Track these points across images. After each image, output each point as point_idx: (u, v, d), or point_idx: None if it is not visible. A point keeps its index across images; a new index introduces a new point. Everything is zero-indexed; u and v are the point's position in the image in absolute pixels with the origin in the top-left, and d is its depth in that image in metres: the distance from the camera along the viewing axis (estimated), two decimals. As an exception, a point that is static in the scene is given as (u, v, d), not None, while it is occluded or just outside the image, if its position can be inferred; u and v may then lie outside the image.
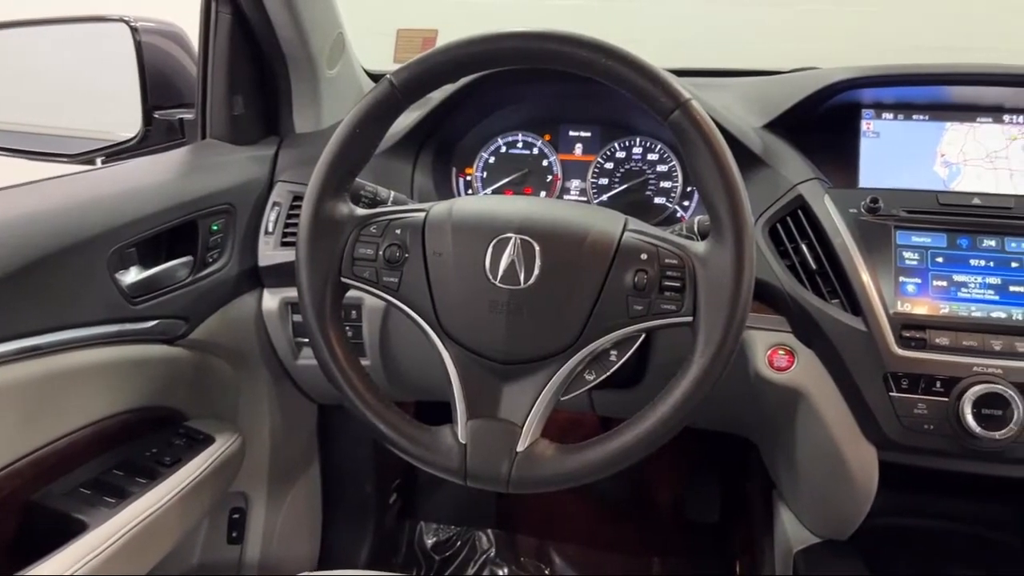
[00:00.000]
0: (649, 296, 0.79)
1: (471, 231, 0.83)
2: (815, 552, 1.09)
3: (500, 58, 0.82)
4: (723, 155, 0.77)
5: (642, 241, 0.81)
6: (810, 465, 1.07)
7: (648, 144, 1.22)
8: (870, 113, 1.13)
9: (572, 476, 0.80)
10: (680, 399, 0.77)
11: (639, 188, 1.22)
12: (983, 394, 0.89)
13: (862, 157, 1.12)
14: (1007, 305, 0.95)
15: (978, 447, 0.90)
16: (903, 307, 0.96)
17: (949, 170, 1.10)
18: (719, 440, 1.51)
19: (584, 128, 1.25)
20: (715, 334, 0.76)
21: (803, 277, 1.00)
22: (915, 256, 0.99)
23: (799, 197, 1.03)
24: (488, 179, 1.26)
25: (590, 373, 0.83)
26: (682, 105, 0.77)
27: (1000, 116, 1.10)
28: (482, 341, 0.82)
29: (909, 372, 0.93)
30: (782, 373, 1.01)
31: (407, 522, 1.81)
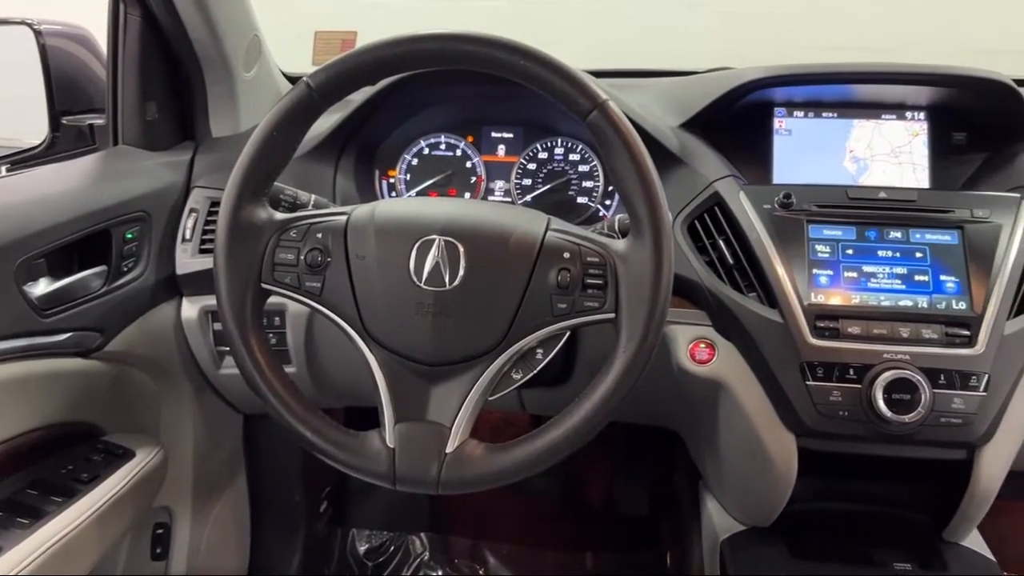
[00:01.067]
0: (573, 294, 0.80)
1: (394, 233, 0.83)
2: (740, 539, 1.12)
3: (418, 60, 0.82)
4: (640, 155, 0.78)
5: (565, 240, 0.82)
6: (733, 455, 1.10)
7: (570, 145, 1.24)
8: (782, 111, 1.17)
9: (502, 475, 0.80)
10: (605, 394, 0.78)
11: (562, 188, 1.23)
12: (893, 380, 0.93)
13: (775, 154, 1.16)
14: (913, 294, 0.99)
15: (889, 431, 0.94)
16: (816, 298, 0.99)
17: (857, 165, 1.15)
18: (647, 434, 1.54)
19: (507, 129, 1.26)
20: (637, 329, 0.78)
21: (721, 272, 1.03)
22: (827, 249, 1.02)
23: (716, 194, 1.06)
24: (412, 181, 1.25)
25: (517, 372, 0.83)
26: (599, 106, 0.78)
27: (903, 113, 1.15)
28: (408, 344, 0.82)
29: (823, 361, 0.96)
30: (703, 366, 1.04)
31: (339, 529, 1.78)
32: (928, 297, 0.99)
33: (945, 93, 1.12)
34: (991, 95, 1.09)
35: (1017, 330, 0.95)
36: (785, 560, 1.05)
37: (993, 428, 0.96)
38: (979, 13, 3.40)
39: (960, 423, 0.94)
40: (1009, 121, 1.11)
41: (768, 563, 1.04)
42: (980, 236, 1.00)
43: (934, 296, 0.98)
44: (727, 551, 1.10)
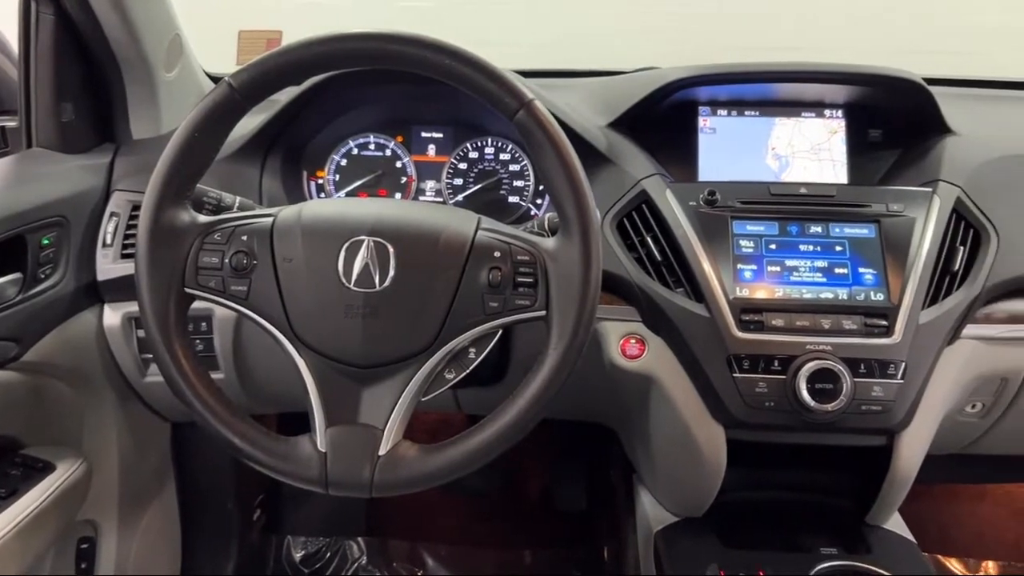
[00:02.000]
0: (504, 293, 0.81)
1: (322, 235, 0.82)
2: (673, 530, 1.14)
3: (342, 59, 0.82)
4: (567, 153, 0.79)
5: (495, 239, 0.82)
6: (664, 447, 1.12)
7: (500, 144, 1.24)
8: (706, 110, 1.20)
9: (436, 475, 0.80)
10: (537, 391, 0.79)
11: (493, 188, 1.23)
12: (816, 370, 0.96)
13: (700, 152, 1.18)
14: (833, 286, 1.02)
15: (813, 419, 0.97)
16: (741, 292, 1.01)
17: (779, 162, 1.18)
18: (583, 430, 1.56)
19: (436, 129, 1.25)
20: (567, 326, 0.79)
21: (650, 268, 1.04)
22: (750, 244, 1.05)
23: (643, 192, 1.07)
24: (341, 182, 1.24)
25: (450, 372, 0.83)
26: (525, 105, 0.79)
27: (822, 111, 1.19)
28: (338, 346, 0.81)
29: (749, 353, 0.99)
30: (634, 361, 1.05)
31: (273, 537, 1.76)
32: (848, 289, 1.02)
33: (861, 92, 1.16)
34: (904, 93, 1.14)
35: (931, 319, 0.99)
36: (717, 549, 1.07)
37: (910, 414, 1.00)
38: (895, 16, 3.53)
39: (880, 410, 0.98)
40: (921, 118, 1.16)
41: (700, 553, 1.06)
42: (895, 229, 1.04)
43: (853, 288, 1.02)
44: (660, 543, 1.12)
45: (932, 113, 1.14)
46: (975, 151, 1.12)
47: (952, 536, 1.78)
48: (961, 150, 1.12)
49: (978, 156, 1.11)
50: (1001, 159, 1.12)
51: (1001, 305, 1.06)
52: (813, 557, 1.03)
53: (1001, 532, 1.79)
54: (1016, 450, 1.31)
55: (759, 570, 1.00)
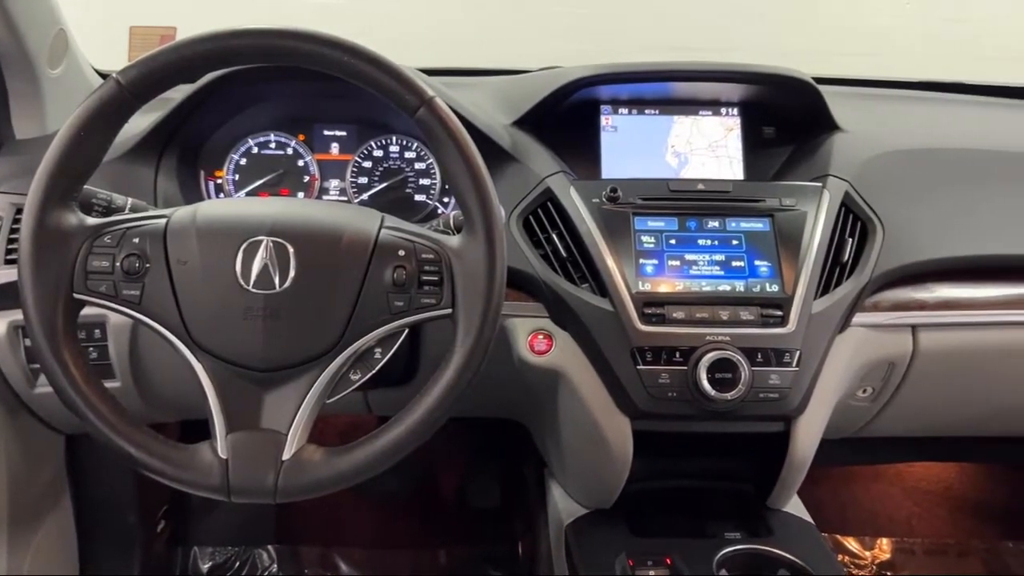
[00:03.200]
0: (409, 291, 0.80)
1: (219, 235, 0.80)
2: (583, 522, 1.15)
3: (237, 56, 0.80)
4: (469, 151, 0.79)
5: (399, 238, 0.82)
6: (573, 441, 1.14)
7: (405, 142, 1.23)
8: (608, 109, 1.22)
9: (343, 477, 0.79)
10: (445, 389, 0.79)
11: (399, 186, 1.22)
12: (715, 360, 0.98)
13: (603, 150, 1.20)
14: (731, 279, 1.06)
15: (714, 408, 0.99)
16: (644, 286, 1.04)
17: (678, 159, 1.21)
18: (496, 427, 1.56)
19: (340, 127, 1.23)
20: (473, 323, 0.79)
21: (556, 265, 1.06)
22: (652, 239, 1.07)
23: (548, 190, 1.08)
24: (240, 181, 1.21)
25: (355, 373, 0.83)
26: (427, 102, 0.79)
27: (718, 109, 1.23)
28: (238, 350, 0.79)
29: (652, 346, 1.01)
30: (542, 356, 1.06)
31: (179, 548, 1.70)
32: (744, 281, 1.05)
33: (755, 90, 1.20)
34: (795, 92, 1.18)
35: (823, 308, 1.03)
36: (625, 539, 1.09)
37: (806, 400, 1.03)
38: (789, 17, 3.67)
39: (777, 397, 1.01)
40: (811, 116, 1.20)
41: (609, 544, 1.08)
42: (788, 223, 1.08)
43: (749, 280, 1.05)
44: (571, 535, 1.13)
45: (822, 111, 1.19)
46: (862, 147, 1.18)
47: (849, 516, 1.86)
48: (849, 146, 1.17)
49: (865, 152, 1.17)
50: (886, 154, 1.18)
51: (887, 294, 1.11)
52: (718, 542, 1.06)
53: (894, 510, 1.88)
54: (904, 432, 1.38)
55: (666, 558, 1.03)
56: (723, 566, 1.03)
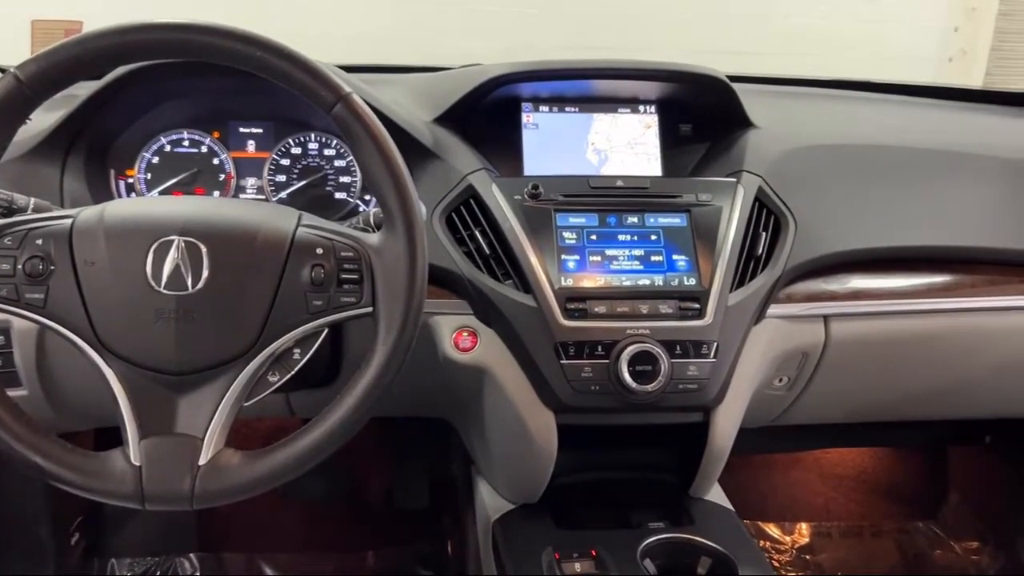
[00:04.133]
0: (328, 290, 0.79)
1: (128, 236, 0.77)
2: (510, 518, 1.16)
3: (145, 50, 0.78)
4: (387, 147, 0.79)
5: (317, 235, 0.81)
6: (498, 437, 1.14)
7: (324, 140, 1.21)
8: (529, 106, 1.22)
9: (262, 481, 0.78)
10: (366, 388, 0.79)
11: (319, 184, 1.21)
12: (636, 353, 1.00)
13: (525, 147, 1.20)
14: (650, 273, 1.07)
15: (635, 400, 1.01)
16: (566, 282, 1.05)
17: (599, 156, 1.22)
18: (423, 426, 1.56)
19: (256, 124, 1.21)
20: (395, 321, 0.79)
21: (479, 262, 1.06)
22: (573, 235, 1.08)
23: (470, 187, 1.08)
24: (153, 181, 1.17)
25: (274, 375, 0.81)
26: (343, 98, 0.78)
27: (636, 107, 1.24)
28: (150, 354, 0.77)
29: (575, 340, 1.02)
30: (467, 353, 1.06)
31: (95, 560, 1.64)
32: (663, 275, 1.07)
33: (671, 88, 1.22)
34: (709, 90, 1.21)
35: (738, 301, 1.06)
36: (552, 533, 1.10)
37: (723, 391, 1.06)
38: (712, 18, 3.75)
39: (696, 388, 1.03)
40: (726, 113, 1.23)
41: (536, 538, 1.08)
42: (705, 218, 1.10)
43: (668, 274, 1.07)
44: (498, 531, 1.14)
45: (735, 108, 1.22)
46: (774, 143, 1.21)
47: (769, 503, 1.92)
48: (762, 143, 1.20)
49: (777, 148, 1.20)
50: (797, 150, 1.21)
51: (800, 286, 1.15)
52: (642, 532, 1.08)
53: (812, 496, 1.95)
54: (820, 419, 1.43)
55: (592, 550, 1.04)
56: (647, 556, 1.05)
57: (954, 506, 1.88)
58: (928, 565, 1.83)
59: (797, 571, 1.81)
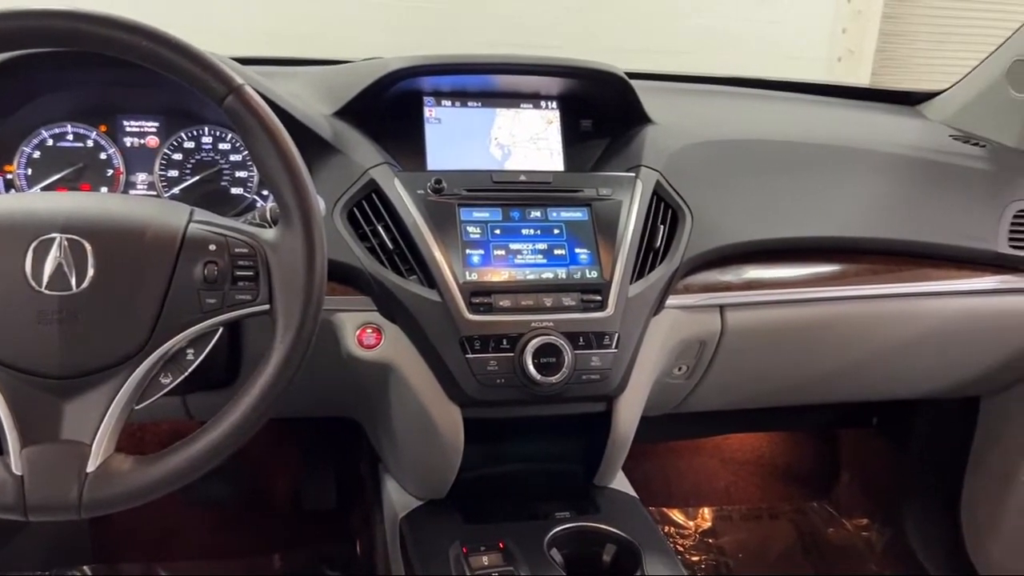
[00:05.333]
0: (222, 288, 0.77)
1: (4, 233, 0.73)
2: (417, 514, 1.15)
3: (23, 38, 0.74)
4: (282, 140, 0.77)
5: (209, 232, 0.79)
6: (405, 433, 1.13)
7: (219, 133, 1.18)
8: (431, 101, 1.22)
9: (156, 486, 0.75)
10: (265, 388, 0.77)
11: (214, 179, 1.17)
12: (540, 345, 1.01)
13: (428, 142, 1.20)
14: (553, 266, 1.09)
15: (540, 392, 1.02)
16: (471, 276, 1.05)
17: (502, 151, 1.23)
18: (330, 425, 1.53)
19: (146, 118, 1.16)
20: (293, 319, 0.77)
21: (382, 257, 1.05)
22: (477, 230, 1.08)
23: (372, 181, 1.07)
24: (34, 176, 1.11)
25: (166, 376, 0.79)
26: (235, 90, 0.76)
27: (538, 102, 1.25)
28: (32, 358, 0.73)
29: (480, 334, 1.02)
30: (371, 350, 1.05)
31: None
32: (566, 269, 1.09)
33: (572, 84, 1.24)
34: (608, 86, 1.23)
35: (638, 292, 1.08)
36: (459, 528, 1.10)
37: (625, 380, 1.08)
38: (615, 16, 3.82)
39: (598, 378, 1.05)
40: (625, 109, 1.25)
41: (443, 533, 1.08)
42: (605, 212, 1.12)
43: (571, 267, 1.09)
44: (405, 528, 1.13)
45: (634, 104, 1.24)
46: (672, 139, 1.24)
47: (673, 489, 1.97)
48: (659, 138, 1.23)
49: (674, 143, 1.23)
50: (694, 146, 1.25)
51: (697, 277, 1.18)
52: (548, 523, 1.09)
53: (714, 481, 2.01)
54: (719, 405, 1.47)
55: (499, 542, 1.05)
56: (553, 545, 1.06)
57: (845, 486, 1.98)
58: (822, 543, 1.91)
59: (700, 554, 1.87)
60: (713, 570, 1.83)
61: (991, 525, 1.64)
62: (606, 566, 1.09)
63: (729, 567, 1.84)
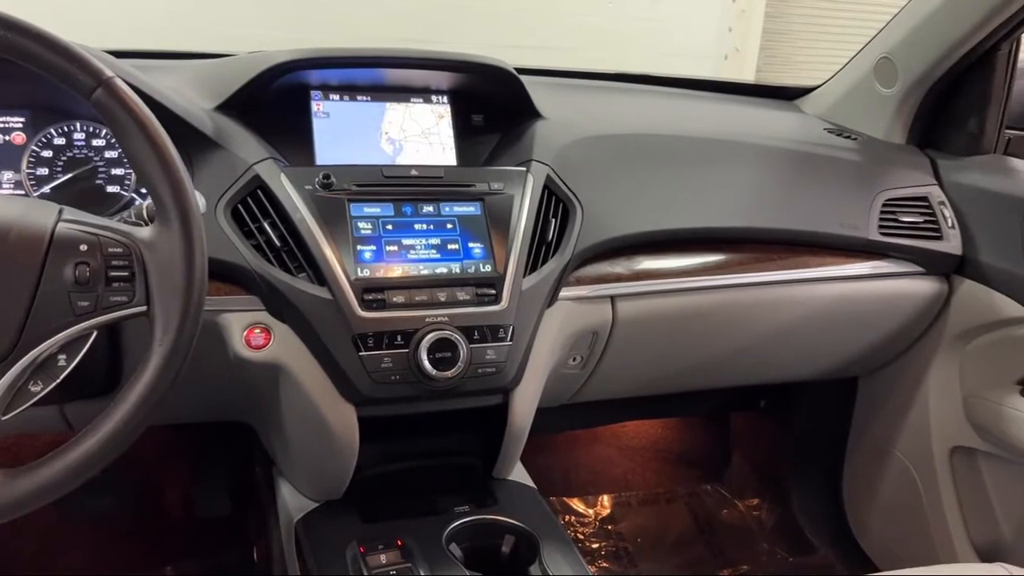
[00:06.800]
0: (95, 290, 0.74)
1: None
2: (313, 516, 1.13)
3: None
4: (155, 134, 0.74)
5: (80, 231, 0.75)
6: (297, 434, 1.11)
7: (92, 129, 1.12)
8: (318, 94, 1.19)
9: (26, 500, 0.71)
10: (143, 393, 0.74)
11: (88, 177, 1.11)
12: (435, 340, 1.01)
13: (316, 136, 1.17)
14: (447, 261, 1.08)
15: (436, 387, 1.02)
16: (363, 273, 1.03)
17: (393, 146, 1.21)
18: (222, 430, 1.49)
19: (10, 112, 1.09)
20: (172, 320, 0.75)
21: (270, 255, 1.02)
22: (368, 225, 1.07)
23: (257, 177, 1.04)
24: None
25: (36, 384, 0.74)
26: (104, 83, 0.73)
27: (429, 97, 1.25)
28: None
29: (374, 331, 1.01)
30: (260, 351, 1.03)
31: None
32: (460, 263, 1.09)
33: (462, 79, 1.24)
34: (498, 81, 1.23)
35: (532, 285, 1.09)
36: (357, 528, 1.09)
37: (520, 372, 1.09)
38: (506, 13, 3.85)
39: (494, 371, 1.06)
40: (515, 104, 1.26)
41: (340, 534, 1.06)
42: (498, 206, 1.13)
43: (465, 262, 1.09)
44: (301, 531, 1.11)
45: (524, 99, 1.25)
46: (562, 134, 1.25)
47: (573, 478, 2.01)
48: (550, 133, 1.24)
49: (564, 138, 1.25)
50: (583, 140, 1.27)
51: (589, 268, 1.20)
52: (447, 517, 1.09)
53: (612, 468, 2.05)
54: (614, 394, 1.51)
55: (397, 540, 1.04)
56: (453, 540, 1.06)
57: (736, 467, 2.05)
58: (716, 524, 1.98)
59: (600, 541, 1.90)
60: (613, 555, 1.87)
61: (869, 498, 1.73)
62: (505, 557, 1.10)
63: (628, 552, 1.88)
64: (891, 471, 1.65)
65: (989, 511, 1.49)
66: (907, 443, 1.61)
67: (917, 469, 1.59)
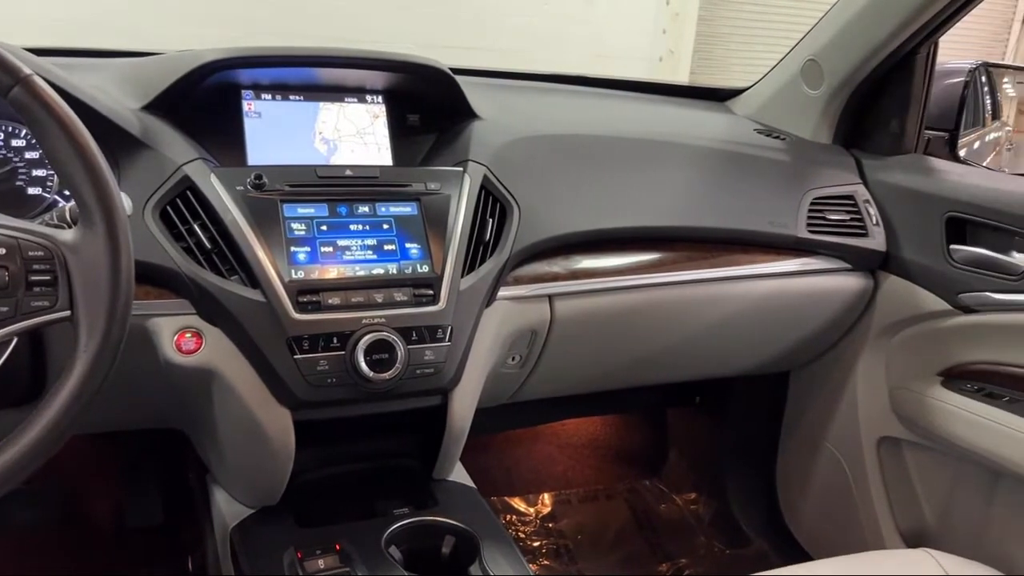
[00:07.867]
0: (15, 295, 0.71)
1: None
2: (249, 523, 1.11)
3: None
4: (77, 133, 0.72)
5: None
6: (231, 440, 1.09)
7: (12, 129, 1.08)
8: (250, 94, 1.17)
9: None
10: (67, 401, 0.72)
11: (7, 178, 1.07)
12: (372, 342, 1.00)
13: (247, 136, 1.15)
14: (384, 262, 1.07)
15: (374, 389, 1.01)
16: (297, 275, 1.02)
17: (328, 146, 1.20)
18: (153, 438, 1.45)
19: (-78, 111, 1.05)
20: (97, 326, 0.72)
21: (200, 257, 1.00)
22: (302, 226, 1.05)
23: (186, 178, 1.02)
24: None
25: None
26: (22, 81, 0.70)
27: (364, 96, 1.24)
28: None
29: (309, 334, 1.00)
30: (191, 356, 1.00)
31: None
32: (397, 264, 1.08)
33: (398, 79, 1.23)
34: (433, 81, 1.23)
35: (470, 285, 1.09)
36: (294, 533, 1.07)
37: (459, 373, 1.09)
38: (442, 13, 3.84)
39: (433, 372, 1.05)
40: (451, 104, 1.26)
41: (277, 540, 1.05)
42: (434, 206, 1.12)
43: (402, 262, 1.08)
44: (236, 538, 1.09)
45: (460, 100, 1.25)
46: (498, 134, 1.26)
47: (514, 477, 2.01)
48: (486, 133, 1.25)
49: (500, 138, 1.25)
50: (520, 140, 1.27)
51: (527, 268, 1.21)
52: (386, 520, 1.09)
53: (552, 466, 2.07)
54: (553, 393, 1.52)
55: (335, 544, 1.03)
56: (392, 542, 1.05)
57: (674, 463, 2.09)
58: (655, 519, 2.01)
59: (541, 539, 1.91)
60: (554, 553, 1.88)
61: (801, 489, 1.78)
62: (445, 558, 1.09)
63: (569, 549, 1.90)
64: (822, 462, 1.70)
65: (914, 499, 1.55)
66: (837, 435, 1.66)
67: (846, 460, 1.64)
